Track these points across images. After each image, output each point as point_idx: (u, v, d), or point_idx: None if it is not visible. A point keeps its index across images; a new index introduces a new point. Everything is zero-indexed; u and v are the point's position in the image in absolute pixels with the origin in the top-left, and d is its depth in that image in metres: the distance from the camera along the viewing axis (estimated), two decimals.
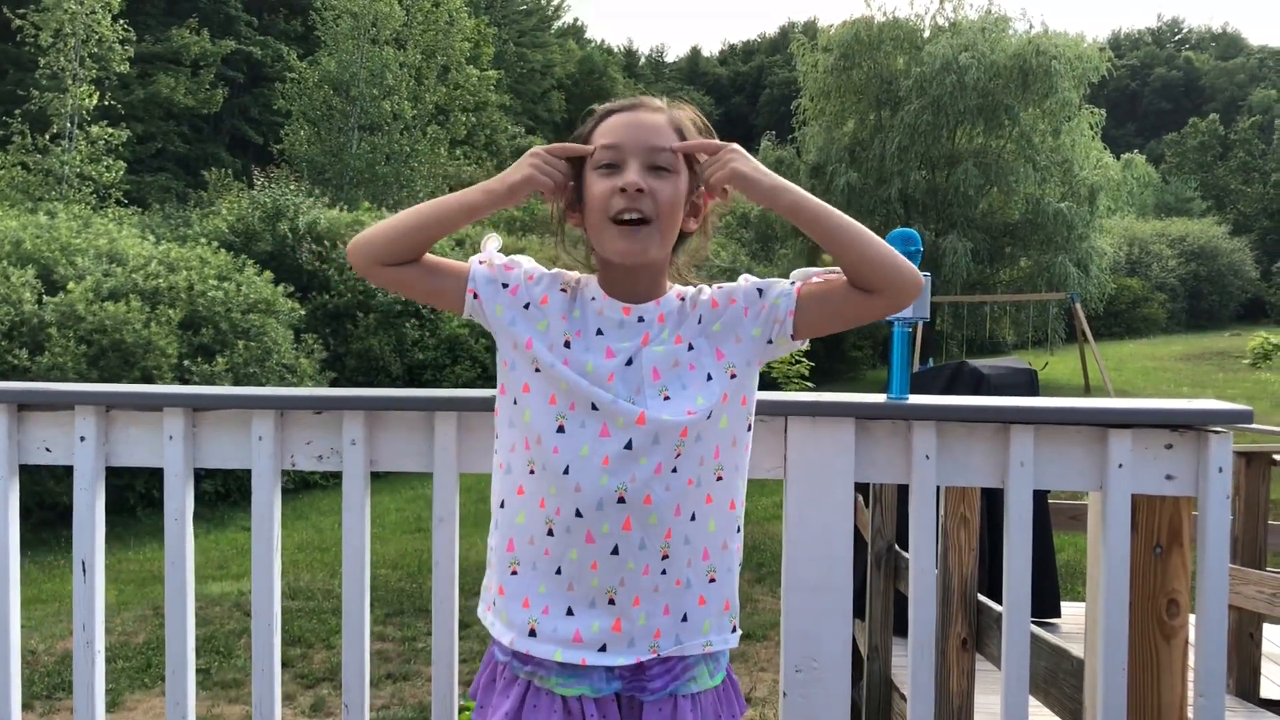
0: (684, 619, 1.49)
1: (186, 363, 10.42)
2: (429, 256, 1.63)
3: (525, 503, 1.50)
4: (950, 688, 3.32)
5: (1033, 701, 1.93)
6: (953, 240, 20.18)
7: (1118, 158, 28.46)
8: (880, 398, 1.82)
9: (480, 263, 1.60)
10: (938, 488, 1.81)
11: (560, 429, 1.48)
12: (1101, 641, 1.74)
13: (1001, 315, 21.61)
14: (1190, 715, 1.77)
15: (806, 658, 1.79)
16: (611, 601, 1.47)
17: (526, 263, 1.61)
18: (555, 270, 1.59)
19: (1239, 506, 4.64)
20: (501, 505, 1.54)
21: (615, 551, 1.46)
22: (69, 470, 1.92)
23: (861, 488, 4.79)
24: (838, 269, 1.53)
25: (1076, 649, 2.51)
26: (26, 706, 5.26)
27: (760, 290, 1.55)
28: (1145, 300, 29.90)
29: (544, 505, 1.48)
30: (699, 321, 1.53)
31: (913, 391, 1.85)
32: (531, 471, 1.49)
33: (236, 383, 10.45)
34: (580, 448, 1.46)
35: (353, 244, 1.61)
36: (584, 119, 1.59)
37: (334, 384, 12.75)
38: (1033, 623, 1.91)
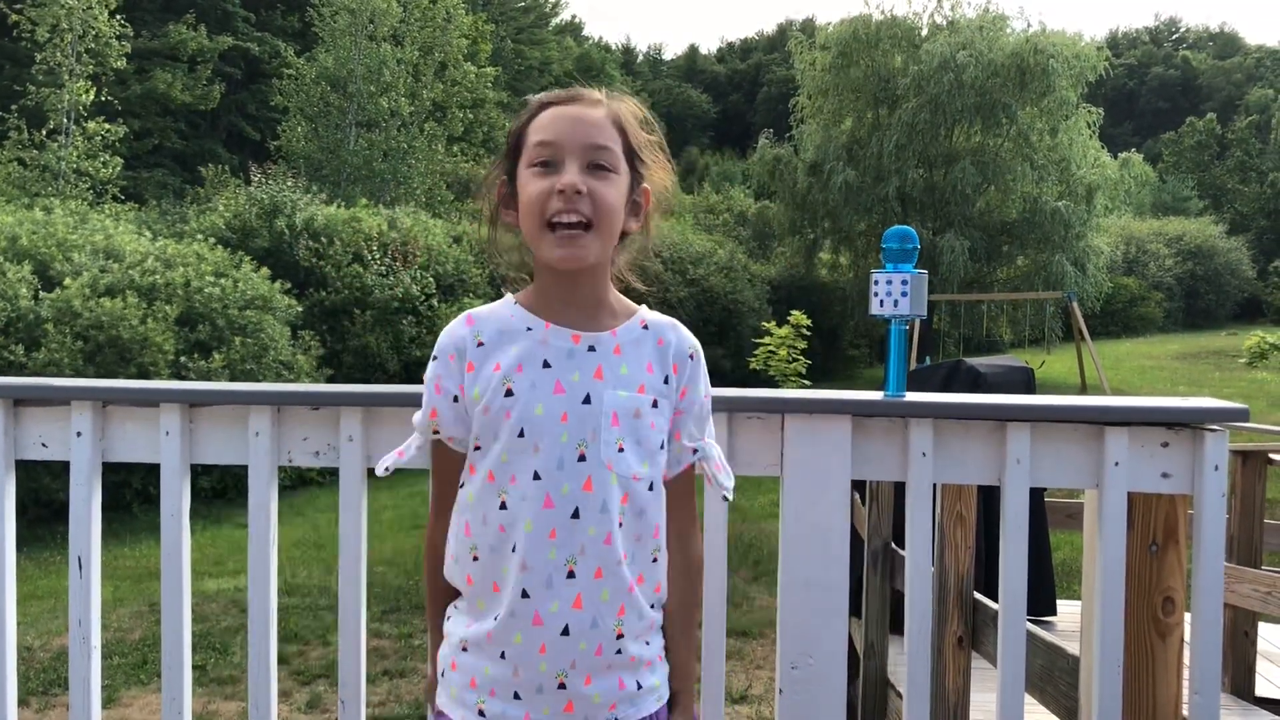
0: (638, 687, 1.44)
1: (183, 359, 10.41)
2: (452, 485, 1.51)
3: (474, 590, 1.43)
4: (946, 686, 3.32)
5: (1028, 699, 1.93)
6: (950, 239, 20.19)
7: (1115, 157, 28.48)
8: (877, 395, 1.82)
9: (435, 433, 1.48)
10: (934, 485, 1.81)
11: (503, 505, 1.39)
12: (1098, 639, 1.74)
13: (999, 314, 21.62)
14: (1186, 713, 1.77)
15: (803, 655, 1.79)
16: (562, 686, 1.38)
17: (434, 374, 1.46)
18: (455, 334, 1.45)
19: (1235, 505, 4.65)
20: (469, 581, 1.45)
21: (565, 632, 1.37)
22: (65, 466, 1.92)
23: (858, 486, 4.79)
24: (709, 472, 1.53)
25: (1072, 647, 2.52)
26: (22, 702, 5.25)
27: (691, 422, 1.49)
28: (1142, 299, 29.95)
29: (497, 589, 1.40)
30: (665, 381, 1.45)
31: (910, 389, 1.85)
32: (475, 558, 1.41)
33: (233, 379, 10.44)
34: (524, 522, 1.37)
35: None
36: (518, 110, 1.50)
37: (331, 381, 12.73)
38: (1029, 621, 1.91)
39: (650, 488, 1.42)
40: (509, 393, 1.38)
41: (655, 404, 1.43)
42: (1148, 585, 1.76)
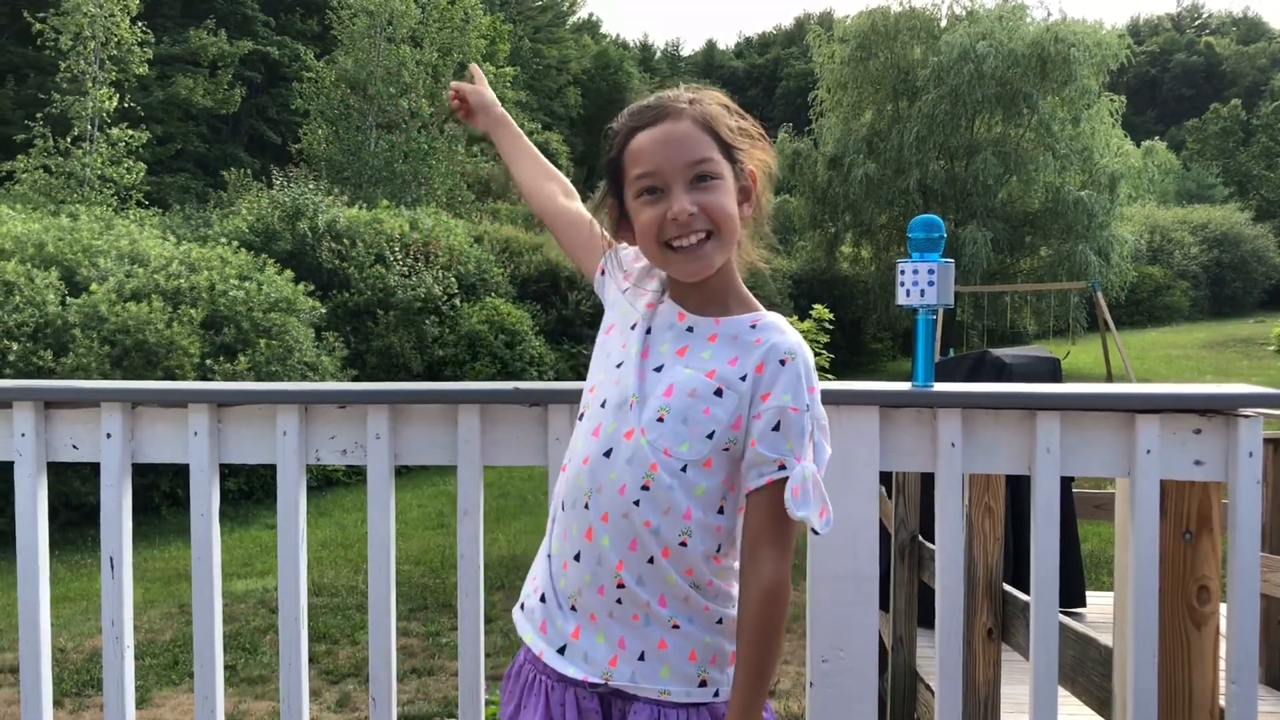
0: (640, 657, 1.42)
1: (209, 362, 10.48)
2: (577, 218, 1.74)
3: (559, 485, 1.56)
4: (976, 678, 3.30)
5: (1060, 690, 1.91)
6: (972, 230, 20.08)
7: (1138, 145, 28.27)
8: (905, 386, 1.81)
9: (617, 256, 1.63)
10: (963, 476, 1.79)
11: (581, 416, 1.52)
12: (1132, 629, 1.73)
13: (1022, 305, 21.48)
14: (1222, 703, 1.75)
15: (834, 648, 1.78)
16: (574, 608, 1.46)
17: (631, 255, 1.63)
18: (642, 260, 1.59)
19: (1267, 494, 4.59)
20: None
21: (577, 558, 1.45)
22: (95, 469, 1.93)
23: (883, 478, 4.77)
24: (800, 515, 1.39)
25: (1104, 638, 2.50)
26: (56, 704, 5.31)
27: (768, 430, 1.40)
28: (1167, 288, 29.67)
29: (560, 492, 1.52)
30: (742, 379, 1.41)
31: (936, 381, 1.84)
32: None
33: (258, 381, 10.50)
34: (579, 439, 1.49)
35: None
36: (606, 136, 1.52)
37: (355, 381, 12.79)
38: (1059, 612, 1.90)
39: (684, 469, 1.40)
40: (634, 327, 1.52)
41: (719, 392, 1.41)
42: (1182, 574, 1.74)
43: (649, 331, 1.50)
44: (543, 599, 1.49)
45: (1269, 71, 54.08)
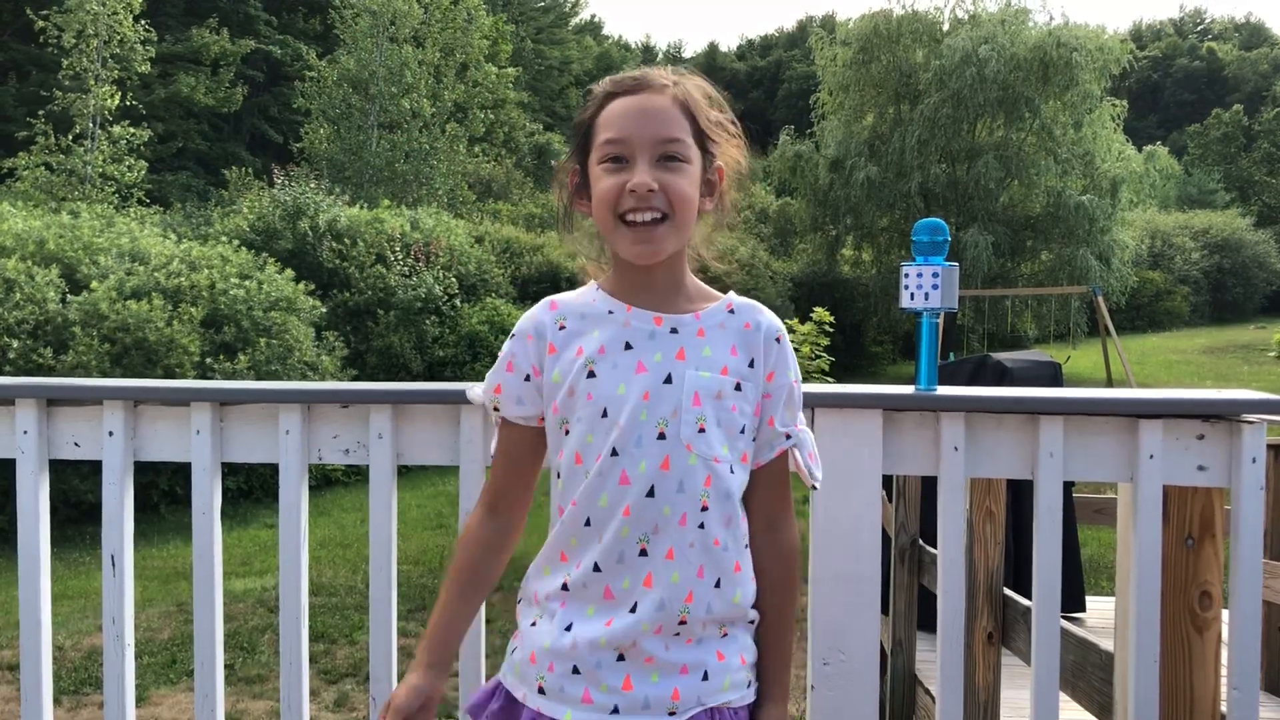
0: (704, 678, 1.39)
1: (209, 360, 10.47)
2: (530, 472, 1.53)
3: (548, 551, 1.44)
4: (976, 682, 3.30)
5: (1060, 695, 1.91)
6: (974, 234, 20.08)
7: (1140, 150, 28.28)
8: (908, 389, 1.80)
9: (495, 409, 1.48)
10: (965, 480, 1.79)
11: (585, 470, 1.39)
12: (1133, 634, 1.73)
13: (1023, 309, 21.50)
14: (1224, 709, 1.75)
15: (834, 650, 1.78)
16: (621, 659, 1.36)
17: (509, 352, 1.47)
18: (536, 317, 1.46)
19: (1269, 500, 4.59)
20: (548, 548, 1.47)
21: (633, 610, 1.36)
22: (95, 467, 1.93)
23: (884, 482, 4.77)
24: (804, 469, 1.49)
25: (1104, 643, 2.49)
26: (55, 702, 5.29)
27: (781, 407, 1.45)
28: (1168, 293, 29.69)
29: (565, 559, 1.40)
30: (750, 365, 1.43)
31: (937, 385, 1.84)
32: (553, 529, 1.43)
33: (258, 380, 10.50)
34: (600, 497, 1.37)
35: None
36: (584, 100, 1.49)
37: (355, 381, 12.79)
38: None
39: (731, 470, 1.40)
40: (591, 374, 1.39)
41: (738, 387, 1.41)
42: (1184, 579, 1.74)
43: (629, 347, 1.40)
44: (576, 671, 1.37)
45: (1271, 77, 54.10)
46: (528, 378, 1.44)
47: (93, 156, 17.82)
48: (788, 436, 1.46)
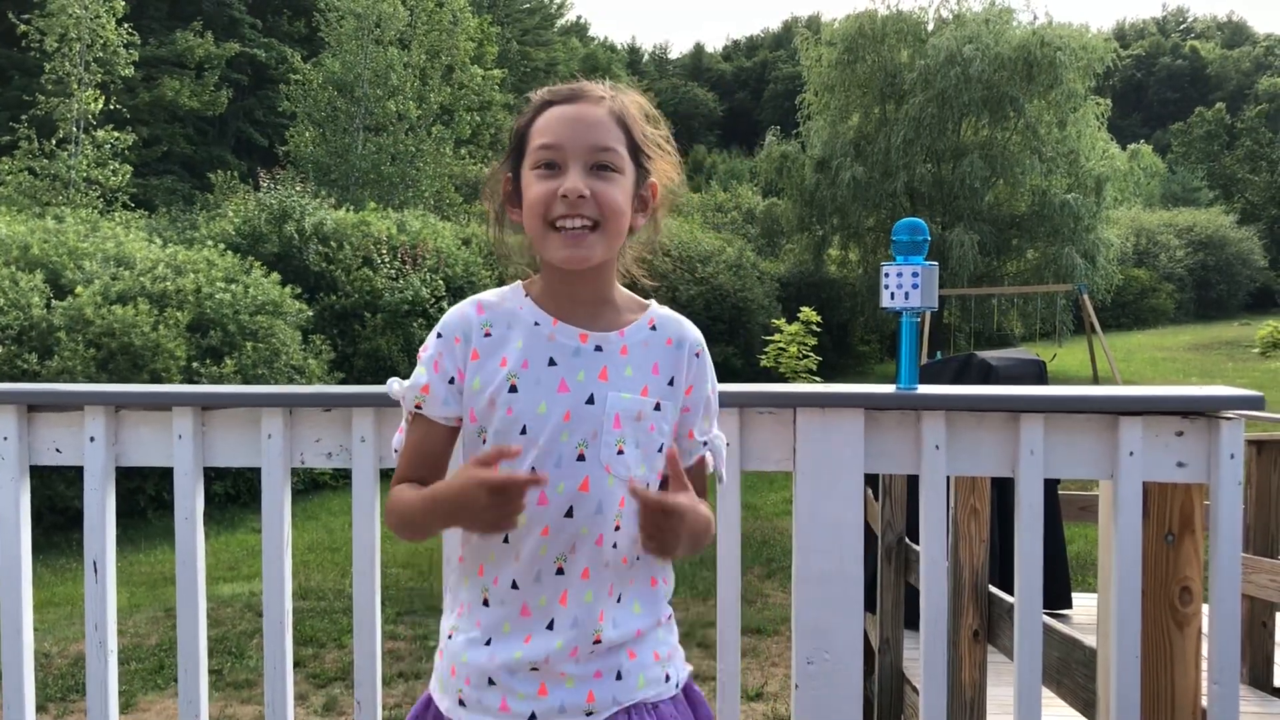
0: (617, 677, 1.42)
1: (195, 365, 10.44)
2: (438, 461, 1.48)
3: (466, 566, 1.44)
4: (962, 679, 3.31)
5: (1045, 692, 1.92)
6: (959, 233, 20.14)
7: (1124, 148, 28.40)
8: (889, 388, 1.81)
9: (417, 407, 1.44)
10: (948, 478, 1.80)
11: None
12: (1114, 630, 1.74)
13: (1009, 307, 21.57)
14: (1204, 704, 1.76)
15: (818, 649, 1.79)
16: (535, 669, 1.39)
17: (435, 352, 1.44)
18: (464, 316, 1.44)
19: (1250, 495, 4.62)
20: (459, 560, 1.47)
21: (550, 627, 1.38)
22: (79, 473, 1.92)
23: (870, 480, 4.78)
24: (712, 467, 1.53)
25: (1089, 639, 2.51)
26: (40, 709, 5.27)
27: (699, 418, 1.49)
28: (1153, 291, 29.85)
29: (482, 573, 1.41)
30: (670, 384, 1.44)
31: (921, 383, 1.84)
32: (467, 542, 1.43)
33: (245, 384, 10.47)
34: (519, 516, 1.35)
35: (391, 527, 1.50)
36: (521, 107, 1.49)
37: (342, 384, 12.76)
38: (1044, 614, 1.91)
39: (646, 487, 1.40)
40: (513, 388, 1.38)
41: (658, 406, 1.42)
42: (1164, 576, 1.75)
43: (552, 363, 1.40)
44: (491, 682, 1.39)
45: (1253, 75, 54.47)
46: (452, 380, 1.42)
47: (77, 161, 17.72)
48: (704, 444, 1.50)
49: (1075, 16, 40.54)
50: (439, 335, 1.45)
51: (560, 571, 1.38)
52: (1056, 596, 5.13)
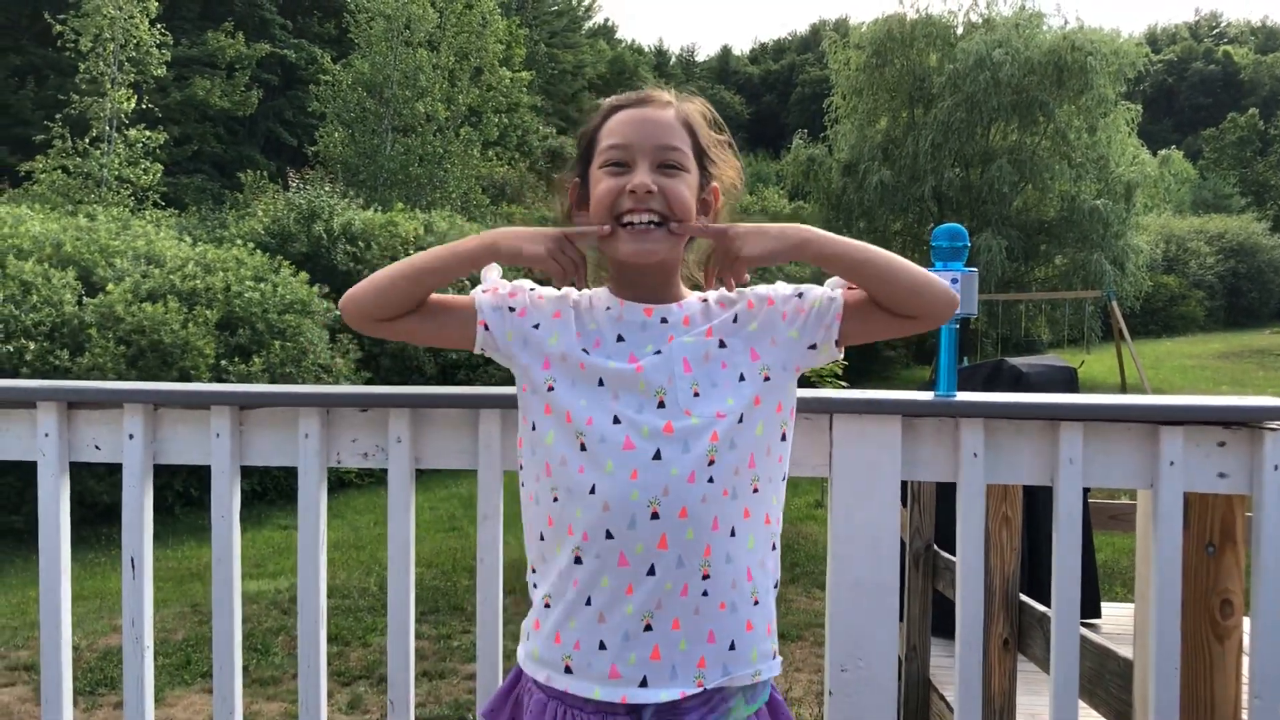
0: (730, 646, 1.40)
1: (224, 363, 10.51)
2: (429, 299, 1.54)
3: (555, 533, 1.43)
4: (992, 689, 3.29)
5: (1078, 703, 1.90)
6: (987, 238, 20.01)
7: (1155, 154, 28.12)
8: (927, 395, 1.80)
9: (484, 291, 1.53)
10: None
11: (582, 447, 1.40)
12: (1153, 642, 1.72)
13: (1037, 313, 21.41)
14: (1245, 718, 1.74)
15: (853, 657, 1.78)
16: (649, 628, 1.37)
17: (529, 284, 1.56)
18: (563, 290, 1.52)
19: None
20: (540, 538, 1.47)
21: (651, 572, 1.37)
22: (111, 469, 1.94)
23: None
24: None
25: (1122, 650, 2.48)
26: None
27: (800, 294, 1.50)
28: (1183, 298, 29.54)
29: (571, 531, 1.40)
30: (734, 320, 1.48)
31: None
32: (556, 499, 1.42)
33: (273, 383, 10.52)
34: (604, 463, 1.38)
35: (343, 300, 1.54)
36: (590, 114, 1.54)
37: (369, 384, 12.82)
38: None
39: (740, 420, 1.41)
40: (585, 351, 1.44)
41: (723, 344, 1.45)
42: (1204, 587, 1.73)
43: (621, 339, 1.46)
44: (602, 645, 1.38)
45: None
46: (512, 309, 1.50)
47: (109, 160, 17.91)
48: (831, 300, 1.49)
49: (1106, 21, 40.30)
50: (532, 289, 1.53)
51: (655, 515, 1.37)
52: (1086, 606, 5.08)
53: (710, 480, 1.38)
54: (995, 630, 3.29)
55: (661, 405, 1.40)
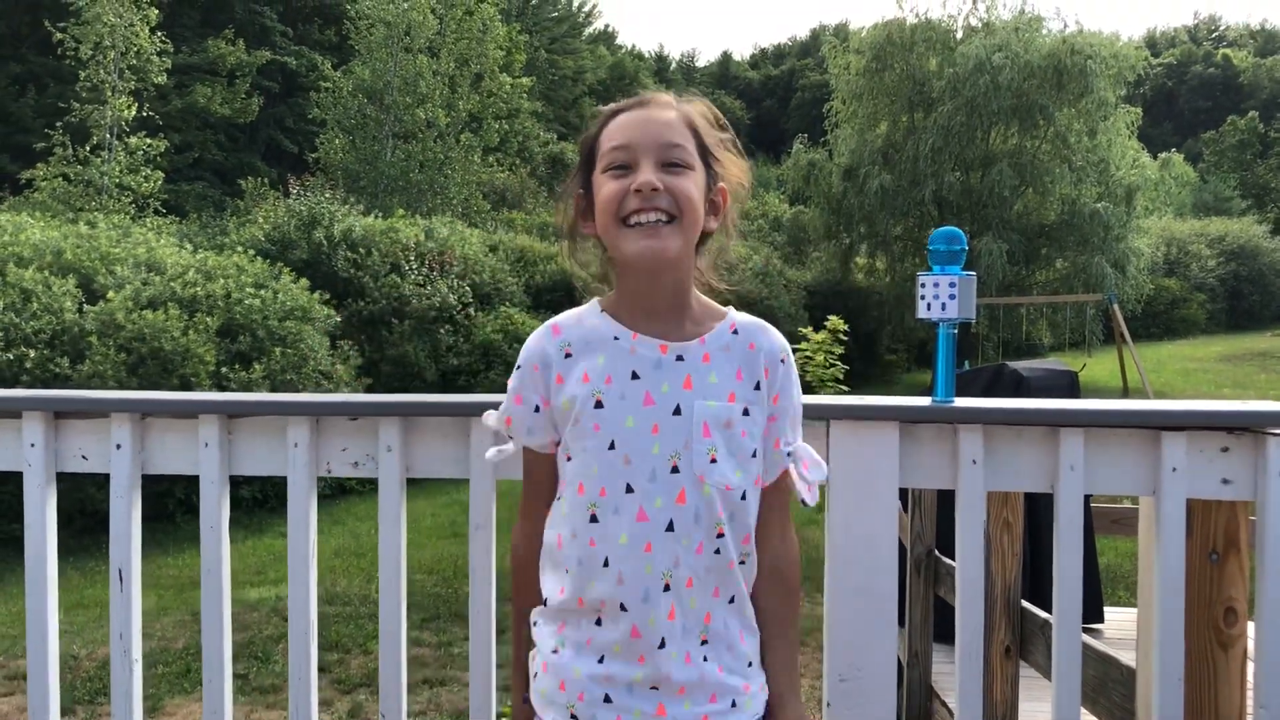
0: (732, 705, 1.41)
1: (224, 370, 10.49)
2: (545, 486, 1.51)
3: (565, 600, 1.42)
4: (994, 696, 3.26)
5: (1081, 711, 1.87)
6: (988, 242, 19.99)
7: (1155, 157, 28.11)
8: (925, 401, 1.77)
9: (509, 436, 1.51)
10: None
11: (593, 519, 1.38)
12: (1157, 650, 1.69)
13: (1038, 317, 21.38)
14: None
15: (851, 667, 1.75)
16: (655, 687, 1.37)
17: (517, 384, 1.48)
18: (541, 345, 1.46)
19: None
20: (560, 592, 1.45)
21: (662, 645, 1.36)
22: (108, 478, 1.92)
23: (899, 491, 4.73)
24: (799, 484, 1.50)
25: (1124, 656, 2.46)
26: (69, 711, 5.30)
27: (787, 427, 1.48)
28: (1184, 301, 29.50)
29: (582, 604, 1.40)
30: (756, 388, 1.43)
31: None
32: (568, 571, 1.41)
33: (273, 389, 10.52)
34: (619, 536, 1.37)
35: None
36: (590, 121, 1.50)
37: (369, 390, 12.80)
38: None
39: (744, 496, 1.40)
40: (599, 404, 1.38)
41: (746, 412, 1.41)
42: (1208, 595, 1.70)
43: (635, 377, 1.39)
44: (607, 699, 1.38)
45: None
46: (537, 409, 1.45)
47: (110, 167, 17.90)
48: (789, 455, 1.48)
49: (1106, 25, 40.34)
50: (519, 369, 1.47)
51: (667, 588, 1.36)
52: (1089, 611, 5.04)
53: (717, 552, 1.39)
54: (997, 637, 3.27)
55: (675, 471, 1.37)
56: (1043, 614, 3.16)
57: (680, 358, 1.40)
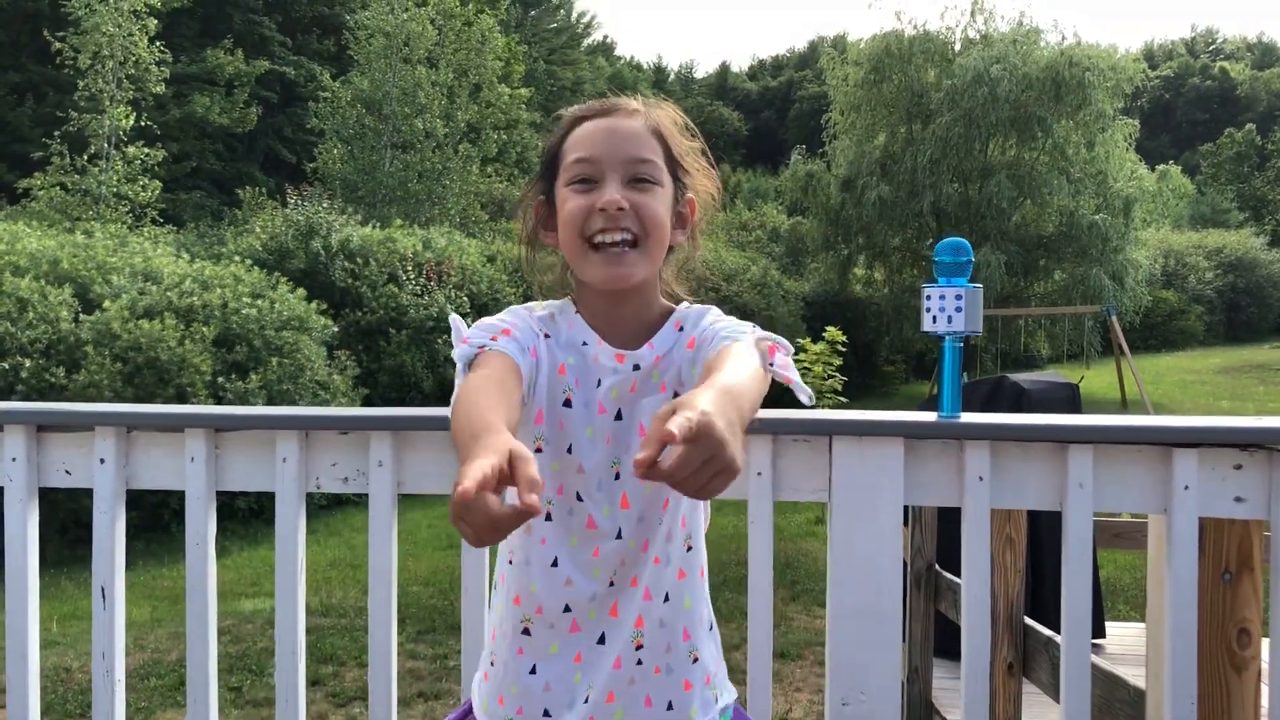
0: (669, 707, 1.37)
1: (220, 380, 10.44)
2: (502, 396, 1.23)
3: (505, 594, 1.39)
4: (997, 713, 3.21)
5: None
6: (986, 253, 19.97)
7: (1153, 169, 28.15)
8: (930, 416, 1.73)
9: (493, 339, 1.33)
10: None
11: (548, 516, 1.35)
12: (1168, 673, 1.64)
13: (1036, 329, 21.36)
14: None
15: (854, 690, 1.70)
16: (586, 700, 1.34)
17: (512, 319, 1.38)
18: (527, 309, 1.40)
19: None
20: (498, 584, 1.43)
21: (601, 640, 1.35)
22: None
23: None
24: (774, 363, 1.32)
25: (1125, 672, 2.41)
26: None
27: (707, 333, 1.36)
28: (1182, 313, 29.50)
29: (519, 602, 1.37)
30: (693, 365, 1.35)
31: None
32: (510, 561, 1.38)
33: (270, 400, 10.47)
34: (569, 538, 1.34)
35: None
36: (552, 125, 1.45)
37: (367, 400, 12.75)
38: None
39: None
40: (568, 403, 1.35)
41: (676, 394, 1.35)
42: (1221, 616, 1.66)
43: (599, 384, 1.35)
44: (546, 713, 1.35)
45: None
46: (523, 350, 1.34)
47: (107, 176, 17.88)
48: (724, 335, 1.30)
49: (1103, 37, 40.47)
50: (508, 312, 1.39)
51: (611, 584, 1.34)
52: (1091, 626, 5.00)
53: (661, 551, 1.36)
54: (1000, 654, 3.22)
55: (617, 477, 1.34)
56: (1046, 631, 3.11)
57: (636, 366, 1.37)
